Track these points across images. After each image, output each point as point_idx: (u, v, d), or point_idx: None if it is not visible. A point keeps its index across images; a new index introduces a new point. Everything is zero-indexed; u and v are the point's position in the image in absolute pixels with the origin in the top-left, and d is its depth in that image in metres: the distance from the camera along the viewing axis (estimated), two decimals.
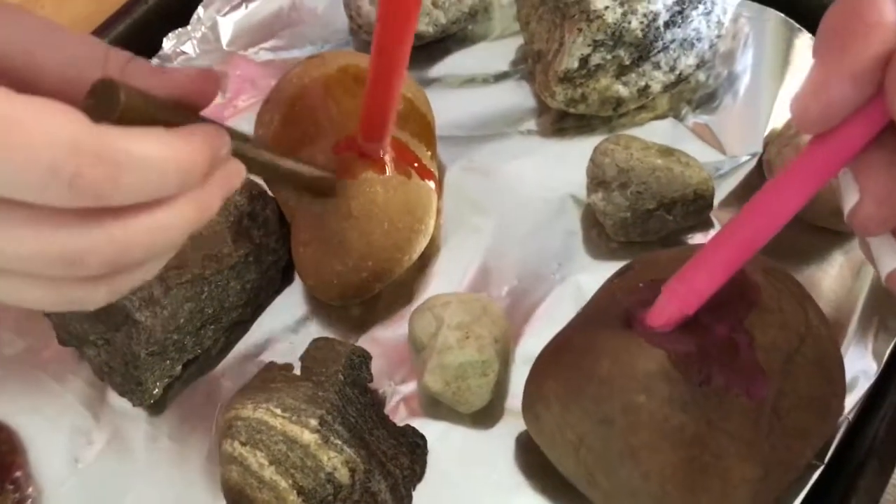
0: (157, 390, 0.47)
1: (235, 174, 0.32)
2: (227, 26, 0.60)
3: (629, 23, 0.51)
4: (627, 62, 0.53)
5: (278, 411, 0.42)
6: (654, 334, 0.37)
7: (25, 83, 0.28)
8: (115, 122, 0.26)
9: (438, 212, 0.53)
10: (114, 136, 0.26)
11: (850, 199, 0.28)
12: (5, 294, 0.29)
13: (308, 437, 0.41)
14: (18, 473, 0.48)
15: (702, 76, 0.57)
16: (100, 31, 0.59)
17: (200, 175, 0.29)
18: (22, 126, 0.24)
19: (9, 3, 0.30)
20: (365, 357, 0.47)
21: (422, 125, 0.51)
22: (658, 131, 0.55)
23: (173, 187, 0.28)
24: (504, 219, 0.53)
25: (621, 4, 0.51)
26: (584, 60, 0.52)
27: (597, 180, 0.50)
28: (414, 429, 0.46)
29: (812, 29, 0.57)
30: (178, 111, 0.30)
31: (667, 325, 0.37)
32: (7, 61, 0.29)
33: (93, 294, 0.29)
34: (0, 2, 0.29)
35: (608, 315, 0.39)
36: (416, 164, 0.49)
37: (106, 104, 0.27)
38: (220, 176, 0.31)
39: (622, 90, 0.53)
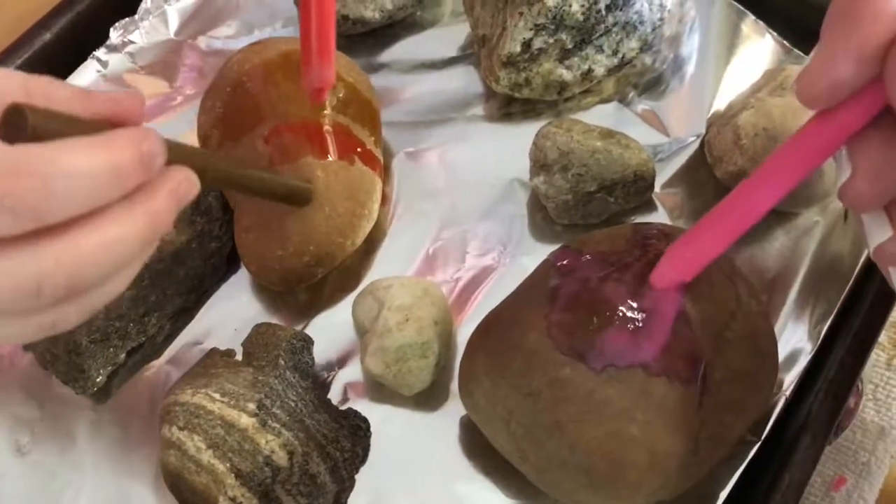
0: (100, 378, 0.47)
1: (186, 183, 0.32)
2: (175, 15, 0.60)
3: (570, 6, 0.51)
4: (570, 46, 0.53)
5: (217, 396, 0.42)
6: None
7: None
8: (27, 142, 0.26)
9: (385, 197, 0.53)
10: (33, 149, 0.26)
11: (843, 174, 0.30)
12: None
13: (245, 420, 0.42)
14: None
15: (648, 60, 0.57)
16: (46, 22, 0.58)
17: (135, 176, 0.29)
18: None
19: None
20: (306, 342, 0.47)
21: (365, 110, 0.51)
22: (603, 115, 0.56)
23: (108, 191, 0.28)
24: (451, 203, 0.53)
25: None
26: (527, 44, 0.52)
27: (539, 163, 0.50)
28: (356, 412, 0.46)
29: (757, 12, 0.58)
30: (96, 126, 0.29)
31: (667, 287, 0.37)
32: None
33: (64, 317, 0.30)
34: None
35: (538, 291, 0.40)
36: (359, 150, 0.50)
37: (16, 130, 0.27)
38: (169, 186, 0.31)
39: (566, 74, 0.54)
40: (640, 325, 0.36)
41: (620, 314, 0.36)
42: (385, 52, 0.60)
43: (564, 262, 0.41)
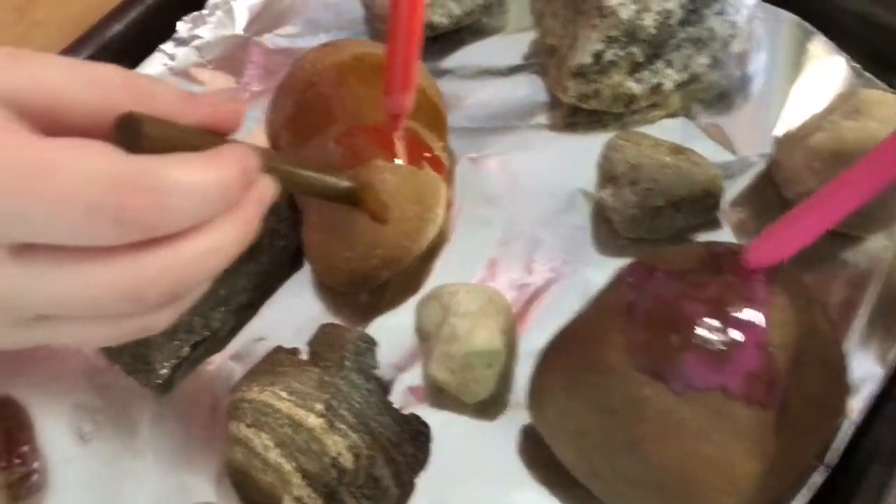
0: (164, 370, 0.48)
1: (267, 189, 0.33)
2: (243, 11, 0.61)
3: (643, 20, 0.51)
4: (640, 59, 0.53)
5: (284, 395, 0.43)
6: None
7: (52, 122, 0.28)
8: (140, 153, 0.27)
9: (448, 202, 0.53)
10: (150, 164, 0.26)
11: None
12: (70, 338, 0.30)
13: (313, 421, 0.42)
14: (25, 448, 0.48)
15: (714, 76, 0.57)
16: (116, 14, 0.59)
17: (239, 192, 0.29)
18: (56, 170, 0.25)
19: (21, 50, 0.29)
20: (371, 344, 0.47)
21: (434, 115, 0.52)
22: (669, 129, 0.55)
23: (216, 207, 0.29)
24: (513, 211, 0.53)
25: (635, 1, 0.51)
26: (598, 56, 0.52)
27: (607, 176, 0.50)
28: (418, 417, 0.46)
29: (827, 31, 0.57)
30: (204, 137, 0.30)
31: (760, 266, 0.38)
32: (31, 107, 0.27)
33: (155, 321, 0.30)
34: (14, 51, 0.28)
35: (614, 307, 0.39)
36: (427, 155, 0.50)
37: (130, 137, 0.27)
38: (255, 193, 0.31)
39: (635, 87, 0.54)
40: (721, 347, 0.36)
41: (701, 335, 0.36)
42: (450, 58, 0.60)
43: (639, 279, 0.40)
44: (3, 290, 0.27)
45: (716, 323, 0.36)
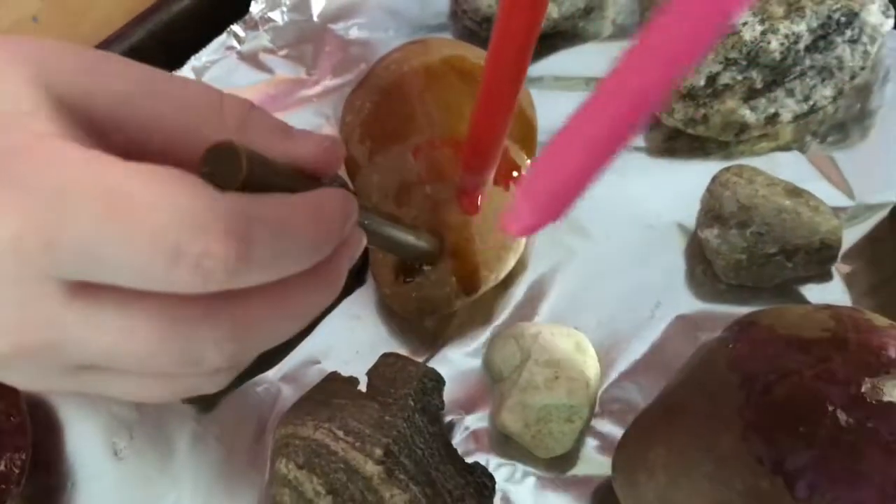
0: None
1: (358, 245, 0.28)
2: None
3: (768, 43, 0.46)
4: (759, 86, 0.47)
5: (341, 434, 0.38)
6: None
7: (131, 142, 0.24)
8: (230, 191, 0.22)
9: None
10: (245, 206, 0.22)
11: None
12: (118, 392, 0.25)
13: (371, 468, 0.37)
14: (51, 457, 0.44)
15: (831, 108, 0.51)
16: None
17: (334, 243, 0.25)
18: (138, 202, 0.20)
19: (105, 53, 0.25)
20: (438, 382, 0.42)
21: (525, 129, 0.47)
22: (779, 164, 0.50)
23: (305, 263, 0.24)
24: (600, 241, 0.48)
25: (762, 21, 0.46)
26: (712, 79, 0.47)
27: (712, 213, 0.45)
28: (483, 468, 0.42)
29: None
30: (301, 178, 0.26)
31: (522, 233, 0.27)
32: (108, 120, 0.23)
33: (210, 384, 0.26)
34: (98, 54, 0.24)
35: (730, 380, 0.34)
36: (515, 174, 0.45)
37: (224, 172, 0.23)
38: (346, 249, 0.27)
39: (748, 115, 0.48)
40: (863, 448, 0.31)
41: (838, 431, 0.31)
42: (541, 64, 0.54)
43: (755, 344, 0.35)
44: (54, 334, 0.23)
45: (856, 416, 0.31)
